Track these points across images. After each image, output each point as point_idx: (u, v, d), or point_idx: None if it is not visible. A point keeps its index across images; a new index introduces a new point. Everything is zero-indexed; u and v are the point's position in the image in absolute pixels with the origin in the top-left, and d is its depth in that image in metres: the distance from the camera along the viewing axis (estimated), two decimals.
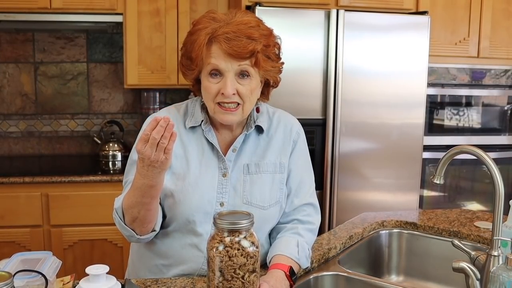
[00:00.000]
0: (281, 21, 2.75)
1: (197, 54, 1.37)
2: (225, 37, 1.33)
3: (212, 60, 1.36)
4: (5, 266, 1.22)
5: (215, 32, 1.35)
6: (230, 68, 1.36)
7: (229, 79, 1.36)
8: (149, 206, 1.34)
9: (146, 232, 1.42)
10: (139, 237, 1.42)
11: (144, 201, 1.33)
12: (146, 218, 1.38)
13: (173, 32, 3.19)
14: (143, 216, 1.36)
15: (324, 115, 2.85)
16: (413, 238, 1.99)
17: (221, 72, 1.37)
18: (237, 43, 1.33)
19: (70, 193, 2.94)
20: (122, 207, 1.37)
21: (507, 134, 3.52)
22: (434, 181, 1.47)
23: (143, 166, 1.26)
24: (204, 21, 1.39)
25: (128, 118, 3.66)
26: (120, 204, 1.38)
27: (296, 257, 1.43)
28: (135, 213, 1.35)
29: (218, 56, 1.35)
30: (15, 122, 3.53)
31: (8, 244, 2.91)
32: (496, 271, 1.21)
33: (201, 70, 1.41)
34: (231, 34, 1.33)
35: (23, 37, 3.47)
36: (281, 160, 1.52)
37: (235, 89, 1.37)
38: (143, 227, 1.40)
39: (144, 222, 1.38)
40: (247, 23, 1.36)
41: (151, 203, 1.34)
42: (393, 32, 2.88)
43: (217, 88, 1.38)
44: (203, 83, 1.42)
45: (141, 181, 1.29)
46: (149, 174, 1.26)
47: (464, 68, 3.40)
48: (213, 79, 1.38)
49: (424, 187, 3.35)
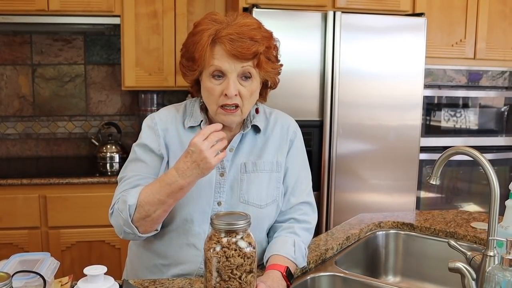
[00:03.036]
0: (278, 23, 2.76)
1: (200, 55, 1.37)
2: (229, 38, 1.34)
3: (215, 61, 1.37)
4: (3, 267, 1.22)
5: (218, 33, 1.36)
6: (233, 69, 1.37)
7: (231, 80, 1.37)
8: (168, 207, 1.36)
9: (149, 232, 1.42)
10: (140, 235, 1.41)
11: (167, 201, 1.34)
12: (159, 219, 1.39)
13: (170, 34, 3.20)
14: (157, 216, 1.37)
15: (321, 117, 2.86)
16: (409, 239, 2.00)
17: (223, 73, 1.38)
18: (241, 44, 1.34)
19: (67, 195, 2.94)
20: (137, 203, 1.36)
21: (504, 135, 3.53)
22: (430, 182, 1.48)
23: (186, 162, 1.29)
24: (206, 23, 1.40)
25: (125, 120, 3.66)
26: (135, 201, 1.36)
27: (293, 256, 1.44)
28: (150, 211, 1.35)
29: (221, 57, 1.36)
30: (13, 124, 3.53)
31: (6, 246, 2.90)
32: (491, 271, 1.22)
33: (202, 71, 1.42)
34: (235, 35, 1.35)
35: (20, 39, 3.48)
36: (277, 159, 1.53)
37: (237, 90, 1.38)
38: (150, 226, 1.40)
39: (155, 222, 1.39)
40: (249, 25, 1.38)
41: (172, 205, 1.36)
42: (390, 34, 2.89)
43: (220, 90, 1.39)
44: (204, 84, 1.42)
45: (174, 179, 1.30)
46: (187, 173, 1.29)
47: (461, 69, 3.41)
48: (216, 81, 1.39)
49: (421, 188, 3.36)
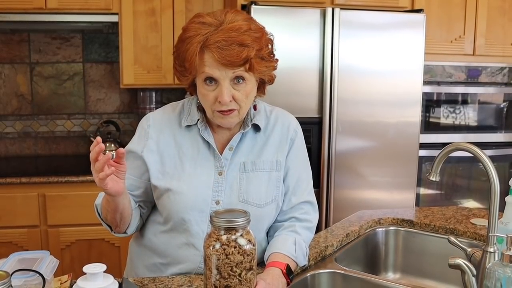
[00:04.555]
0: (277, 20, 2.75)
1: (190, 64, 1.35)
2: (216, 47, 1.31)
3: (206, 68, 1.35)
4: (2, 265, 1.22)
5: (206, 41, 1.32)
6: (224, 76, 1.35)
7: (224, 87, 1.35)
8: (112, 214, 1.42)
9: (120, 232, 1.51)
10: (114, 234, 1.52)
11: (108, 209, 1.41)
12: (112, 223, 1.46)
13: (168, 32, 3.19)
14: (110, 220, 1.45)
15: (320, 114, 2.85)
16: (409, 236, 2.00)
17: (216, 80, 1.36)
18: (230, 52, 1.31)
19: (67, 193, 2.93)
20: (101, 204, 1.46)
21: (503, 131, 3.53)
22: (429, 178, 1.48)
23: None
24: (193, 28, 1.36)
25: (124, 118, 3.66)
26: (99, 201, 1.47)
27: (293, 255, 1.43)
28: (104, 213, 1.46)
29: (211, 64, 1.34)
30: (11, 122, 3.53)
31: (5, 244, 2.90)
32: (492, 267, 1.21)
33: (195, 77, 1.41)
34: (223, 42, 1.31)
35: (18, 37, 3.47)
36: (277, 158, 1.52)
37: (231, 95, 1.37)
38: (116, 227, 1.49)
39: (112, 224, 1.47)
40: (238, 29, 1.33)
41: (113, 213, 1.41)
42: (388, 30, 2.89)
43: (213, 96, 1.37)
44: (199, 89, 1.42)
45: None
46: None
47: (460, 66, 3.40)
48: (209, 86, 1.38)
49: (421, 185, 3.36)
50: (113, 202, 1.37)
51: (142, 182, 1.50)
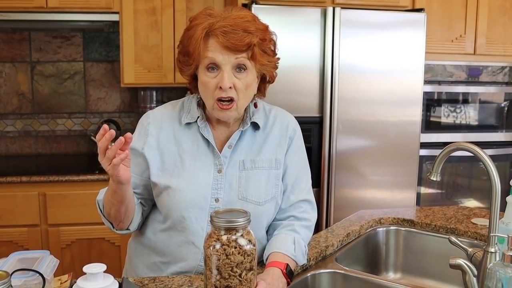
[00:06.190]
0: (277, 19, 2.75)
1: (194, 49, 1.38)
2: (222, 31, 1.35)
3: (209, 53, 1.37)
4: (2, 265, 1.22)
5: (212, 26, 1.37)
6: (227, 61, 1.37)
7: (226, 72, 1.37)
8: (117, 207, 1.41)
9: (121, 228, 1.50)
10: (116, 231, 1.50)
11: (113, 201, 1.40)
12: (116, 217, 1.45)
13: (169, 31, 3.19)
14: (114, 215, 1.44)
15: (321, 113, 2.85)
16: (410, 235, 1.99)
17: (218, 66, 1.38)
18: (234, 36, 1.35)
19: (67, 192, 2.93)
20: (103, 199, 1.45)
21: (504, 131, 3.53)
22: (430, 178, 1.48)
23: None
24: (201, 17, 1.41)
25: (125, 117, 3.65)
26: (102, 197, 1.47)
27: (293, 254, 1.43)
28: (108, 208, 1.44)
29: (215, 49, 1.37)
30: (12, 121, 3.53)
31: (5, 243, 2.90)
32: (493, 267, 1.21)
33: (198, 65, 1.42)
34: (228, 27, 1.35)
35: (19, 36, 3.47)
36: (276, 156, 1.53)
37: (232, 82, 1.38)
38: (116, 223, 1.47)
39: (116, 219, 1.46)
40: (243, 18, 1.38)
41: (119, 205, 1.40)
42: (389, 29, 2.88)
43: (215, 83, 1.39)
44: (200, 78, 1.43)
45: (110, 181, 1.35)
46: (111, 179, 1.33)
47: (461, 65, 3.40)
48: (211, 73, 1.39)
49: (421, 185, 3.35)
50: (120, 192, 1.36)
51: (143, 180, 1.50)
